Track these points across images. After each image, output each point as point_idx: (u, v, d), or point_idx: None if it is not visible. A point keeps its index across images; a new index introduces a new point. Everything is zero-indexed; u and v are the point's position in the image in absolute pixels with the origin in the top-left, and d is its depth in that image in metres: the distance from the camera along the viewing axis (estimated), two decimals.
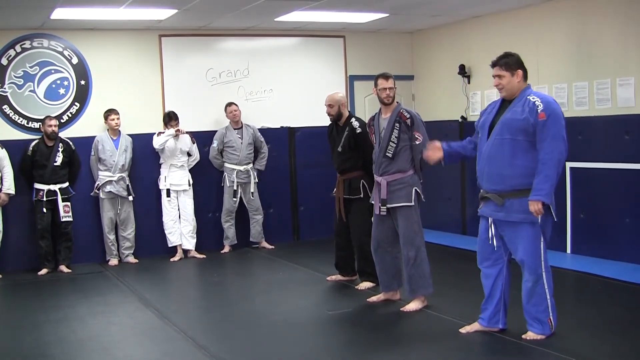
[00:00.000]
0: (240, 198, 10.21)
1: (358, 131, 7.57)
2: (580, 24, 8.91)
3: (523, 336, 5.60)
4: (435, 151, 5.98)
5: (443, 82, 11.28)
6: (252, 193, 10.24)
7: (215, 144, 10.17)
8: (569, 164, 8.88)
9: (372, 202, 6.98)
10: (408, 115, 6.67)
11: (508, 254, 5.71)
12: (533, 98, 5.44)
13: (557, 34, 9.20)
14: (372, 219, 7.08)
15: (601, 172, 8.61)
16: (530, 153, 5.41)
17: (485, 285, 5.81)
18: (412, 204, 6.68)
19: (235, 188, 10.13)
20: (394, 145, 6.65)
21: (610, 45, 8.55)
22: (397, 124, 6.66)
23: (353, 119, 7.74)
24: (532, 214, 5.38)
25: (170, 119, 9.86)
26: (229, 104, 10.22)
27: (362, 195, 7.56)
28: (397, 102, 6.85)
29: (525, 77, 5.58)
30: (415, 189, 6.71)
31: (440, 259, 8.70)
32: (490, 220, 5.69)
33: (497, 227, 5.67)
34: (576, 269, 8.14)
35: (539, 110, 5.35)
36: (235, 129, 10.17)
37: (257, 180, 10.28)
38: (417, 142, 6.63)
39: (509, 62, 5.56)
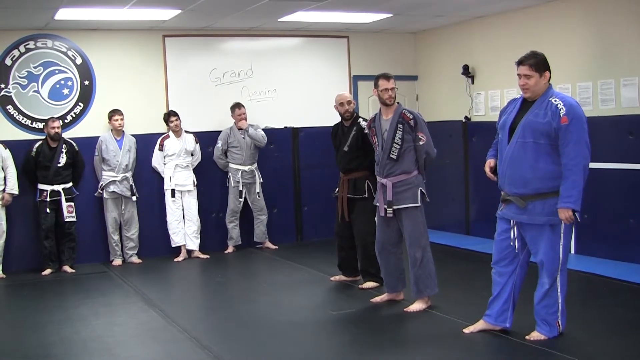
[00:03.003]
0: (244, 198, 10.22)
1: (366, 131, 7.57)
2: (584, 24, 8.90)
3: (527, 337, 5.59)
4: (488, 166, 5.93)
5: (447, 82, 11.28)
6: (258, 193, 10.25)
7: (219, 144, 10.17)
8: None
9: (376, 204, 6.97)
10: (411, 116, 6.64)
11: (525, 254, 5.68)
12: (555, 101, 5.36)
13: (561, 35, 9.18)
14: (376, 220, 7.06)
15: (605, 173, 8.58)
16: (552, 156, 5.37)
17: (497, 282, 5.77)
18: (418, 204, 6.67)
19: (240, 188, 10.13)
20: (398, 147, 6.63)
21: (614, 45, 8.54)
22: (400, 125, 6.63)
23: (360, 119, 7.78)
24: (558, 219, 5.36)
25: (170, 116, 9.89)
26: (238, 106, 10.19)
27: (366, 195, 7.55)
28: (398, 103, 6.83)
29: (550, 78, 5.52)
30: (421, 190, 6.69)
31: (444, 260, 8.69)
32: (512, 222, 5.65)
33: (519, 229, 5.65)
34: (580, 269, 8.10)
35: (561, 114, 5.28)
36: (239, 129, 10.17)
37: (262, 180, 10.28)
38: (421, 143, 6.61)
39: (539, 63, 5.45)
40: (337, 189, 7.87)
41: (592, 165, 8.49)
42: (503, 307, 5.74)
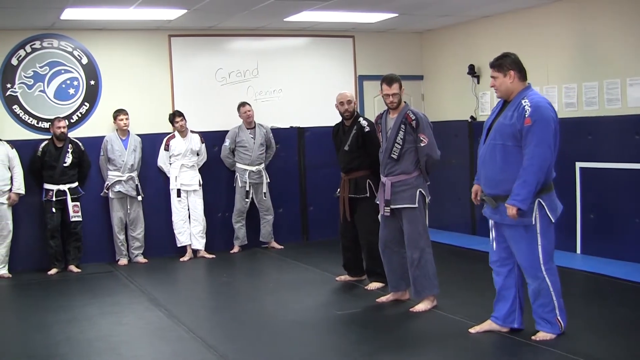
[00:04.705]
0: (251, 198, 10.22)
1: (367, 130, 7.57)
2: (590, 23, 8.88)
3: (533, 337, 5.58)
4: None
5: (452, 82, 11.26)
6: (265, 193, 10.25)
7: (227, 143, 10.17)
8: (578, 164, 8.87)
9: (377, 202, 6.99)
10: (413, 117, 6.62)
11: None
12: (525, 102, 5.39)
13: (567, 34, 9.17)
14: (379, 219, 7.06)
15: (611, 172, 8.58)
16: (521, 158, 5.39)
17: (495, 282, 5.82)
18: (416, 205, 6.66)
19: (247, 189, 10.13)
20: (399, 147, 6.63)
21: (620, 45, 8.52)
22: (402, 126, 6.63)
23: (361, 118, 7.76)
24: (530, 219, 5.41)
25: (175, 116, 9.89)
26: (242, 104, 10.21)
27: (368, 195, 7.55)
28: (405, 102, 6.83)
29: (521, 77, 5.54)
30: (420, 191, 6.68)
31: (450, 260, 8.69)
32: (491, 222, 5.72)
33: (497, 229, 5.70)
34: (586, 269, 8.11)
35: (526, 115, 5.33)
36: (248, 128, 10.17)
37: (269, 180, 10.28)
38: (423, 144, 6.60)
39: (502, 63, 5.56)
40: (339, 189, 7.87)
41: (598, 165, 8.61)
42: (510, 309, 5.75)
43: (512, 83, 5.52)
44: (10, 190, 8.99)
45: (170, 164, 9.91)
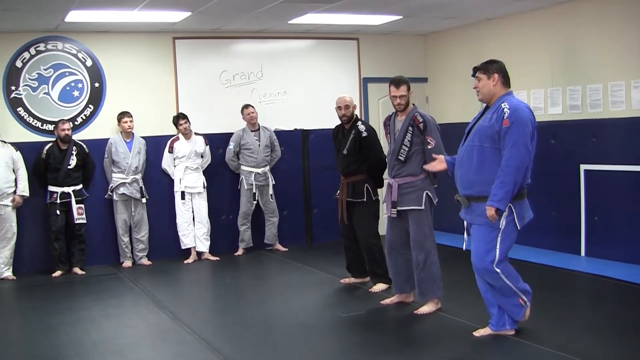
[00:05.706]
0: (256, 200, 10.22)
1: (364, 135, 7.59)
2: (594, 25, 8.86)
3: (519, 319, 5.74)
4: (439, 163, 6.09)
5: (457, 84, 11.24)
6: (271, 195, 10.24)
7: (231, 145, 10.17)
8: (583, 167, 8.86)
9: (384, 203, 6.99)
10: (421, 120, 6.65)
11: None
12: (504, 105, 5.50)
13: (571, 36, 9.15)
14: (386, 220, 7.07)
15: (615, 175, 8.56)
16: (497, 160, 5.48)
17: (479, 286, 5.89)
18: (422, 207, 6.67)
19: (254, 191, 10.13)
20: (407, 149, 6.65)
21: (624, 47, 8.50)
22: (410, 128, 6.66)
23: (359, 123, 7.77)
24: (497, 222, 5.48)
25: (179, 119, 9.89)
26: (246, 106, 10.22)
27: (365, 199, 7.56)
28: (413, 105, 6.85)
29: (505, 83, 5.67)
30: (427, 193, 6.70)
31: (454, 262, 8.66)
32: (465, 223, 5.83)
33: (469, 230, 5.82)
34: (590, 271, 8.10)
35: (504, 117, 5.43)
36: (252, 131, 10.18)
37: (274, 182, 10.28)
38: (430, 147, 6.62)
39: (488, 67, 5.69)
40: (338, 192, 7.89)
41: (602, 167, 8.59)
42: (499, 313, 5.81)
43: (495, 86, 5.65)
44: (15, 192, 9.00)
45: (175, 166, 9.92)
